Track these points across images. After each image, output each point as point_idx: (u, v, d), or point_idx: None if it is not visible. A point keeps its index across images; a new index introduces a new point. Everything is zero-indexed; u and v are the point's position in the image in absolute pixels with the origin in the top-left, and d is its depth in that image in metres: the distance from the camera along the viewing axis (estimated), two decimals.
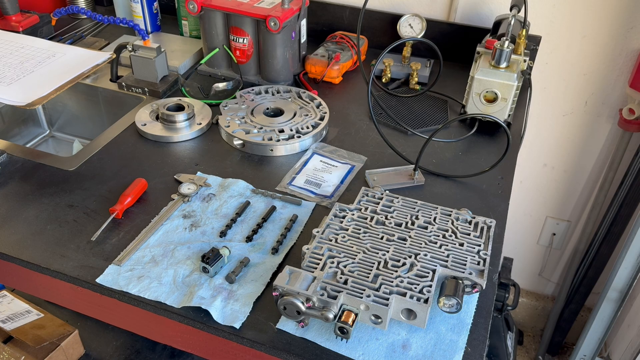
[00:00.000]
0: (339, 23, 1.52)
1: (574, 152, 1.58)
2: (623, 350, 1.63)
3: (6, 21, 1.44)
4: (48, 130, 1.51)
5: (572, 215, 1.72)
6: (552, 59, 1.44)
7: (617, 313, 1.53)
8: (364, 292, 0.72)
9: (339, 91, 1.34)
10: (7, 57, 1.29)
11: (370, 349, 0.74)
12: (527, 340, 2.02)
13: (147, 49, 1.27)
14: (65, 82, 1.19)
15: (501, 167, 1.07)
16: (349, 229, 0.84)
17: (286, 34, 1.27)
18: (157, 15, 1.56)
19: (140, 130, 1.16)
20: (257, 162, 1.09)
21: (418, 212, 0.87)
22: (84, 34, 1.55)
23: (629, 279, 1.46)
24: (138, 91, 1.29)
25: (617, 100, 1.45)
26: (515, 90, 1.12)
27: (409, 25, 1.38)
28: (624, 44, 1.36)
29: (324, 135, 1.17)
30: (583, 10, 1.34)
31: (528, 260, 1.88)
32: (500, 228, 0.94)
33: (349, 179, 1.05)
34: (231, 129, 1.13)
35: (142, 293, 0.81)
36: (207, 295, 0.80)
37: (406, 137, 1.18)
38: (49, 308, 1.46)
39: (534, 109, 1.53)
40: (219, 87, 1.29)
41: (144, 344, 1.50)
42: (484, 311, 0.80)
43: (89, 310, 0.92)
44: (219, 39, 1.33)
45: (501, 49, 1.10)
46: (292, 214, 0.96)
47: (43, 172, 1.05)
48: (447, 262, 0.78)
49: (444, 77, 1.36)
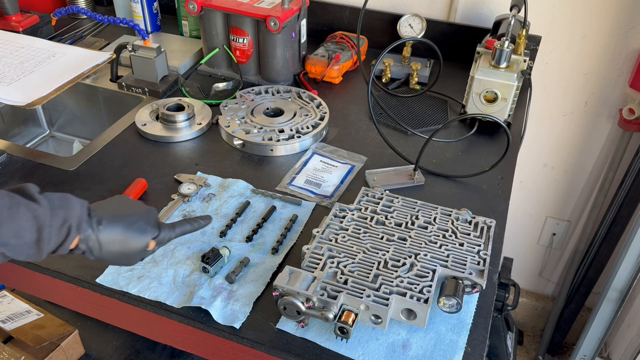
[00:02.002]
0: (339, 23, 1.52)
1: (574, 152, 1.58)
2: (623, 350, 1.63)
3: (6, 21, 1.44)
4: (48, 130, 1.51)
5: (572, 215, 1.72)
6: (552, 59, 1.44)
7: (617, 313, 1.53)
8: (364, 292, 0.72)
9: (339, 91, 1.34)
10: (7, 57, 1.29)
11: (370, 349, 0.74)
12: (527, 340, 2.02)
13: (147, 49, 1.27)
14: (65, 82, 1.19)
15: (501, 167, 1.07)
16: (349, 229, 0.84)
17: (286, 34, 1.27)
18: (157, 15, 1.56)
19: (140, 130, 1.16)
20: (257, 162, 1.09)
21: (418, 212, 0.87)
22: (84, 34, 1.54)
23: (629, 279, 1.46)
24: (138, 91, 1.29)
25: (617, 100, 1.45)
26: (515, 90, 1.12)
27: (409, 25, 1.38)
28: (624, 44, 1.36)
29: (324, 135, 1.17)
30: (583, 10, 1.34)
31: (528, 260, 1.88)
32: (500, 228, 0.94)
33: (349, 179, 1.05)
34: (231, 129, 1.13)
35: (142, 293, 0.81)
36: (207, 295, 0.80)
37: (406, 137, 1.18)
38: (49, 308, 1.46)
39: (534, 109, 1.52)
40: (219, 87, 1.29)
41: (144, 344, 1.50)
42: (484, 311, 0.80)
43: (89, 310, 0.92)
44: (219, 39, 1.33)
45: (501, 49, 1.10)
46: (292, 214, 0.96)
47: (43, 172, 1.05)
48: (447, 262, 0.78)
49: (444, 77, 1.36)
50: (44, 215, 0.61)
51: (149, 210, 0.74)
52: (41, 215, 0.60)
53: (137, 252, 0.71)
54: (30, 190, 0.62)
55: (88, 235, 0.65)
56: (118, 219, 0.68)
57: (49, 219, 0.61)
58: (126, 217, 0.69)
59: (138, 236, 0.70)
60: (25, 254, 0.61)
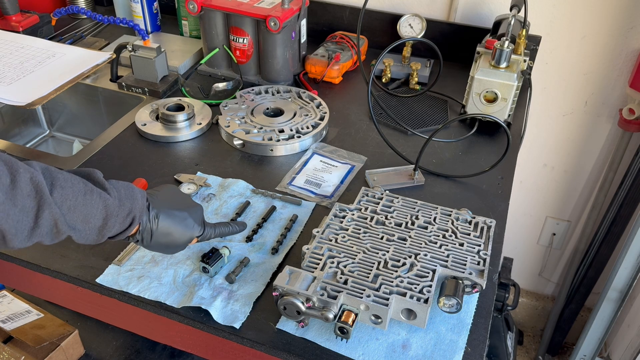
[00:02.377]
0: (338, 23, 1.52)
1: (574, 152, 1.58)
2: (623, 350, 1.63)
3: (6, 21, 1.44)
4: (48, 130, 1.51)
5: (572, 215, 1.72)
6: (552, 59, 1.44)
7: (617, 313, 1.53)
8: (364, 292, 0.72)
9: (339, 91, 1.34)
10: (7, 57, 1.29)
11: (370, 349, 0.74)
12: (527, 340, 2.02)
13: (147, 49, 1.27)
14: (65, 82, 1.19)
15: (501, 167, 1.07)
16: (349, 229, 0.84)
17: (286, 34, 1.27)
18: (157, 15, 1.56)
19: (140, 130, 1.16)
20: (257, 162, 1.09)
21: (418, 212, 0.87)
22: (84, 34, 1.54)
23: (629, 279, 1.46)
24: (138, 91, 1.29)
25: (617, 100, 1.45)
26: (515, 90, 1.12)
27: (409, 25, 1.38)
28: (624, 44, 1.36)
29: (324, 135, 1.17)
30: (583, 10, 1.34)
31: (528, 260, 1.88)
32: (500, 228, 0.94)
33: (349, 179, 1.05)
34: (231, 129, 1.13)
35: (142, 293, 0.81)
36: (207, 295, 0.80)
37: (406, 137, 1.18)
38: (49, 308, 1.46)
39: (534, 109, 1.52)
40: (219, 87, 1.29)
41: (144, 344, 1.50)
42: (484, 311, 0.80)
43: (89, 310, 0.92)
44: (219, 39, 1.33)
45: (501, 49, 1.10)
46: (292, 214, 0.96)
47: None
48: (447, 262, 0.78)
49: (444, 77, 1.36)
50: (113, 206, 0.64)
51: (197, 207, 0.78)
52: (111, 206, 0.64)
53: (181, 246, 0.76)
54: (100, 178, 0.65)
55: (145, 226, 0.70)
56: (172, 214, 0.73)
57: (117, 209, 0.65)
58: (179, 212, 0.74)
59: (187, 232, 0.75)
60: (88, 239, 0.64)
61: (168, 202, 0.74)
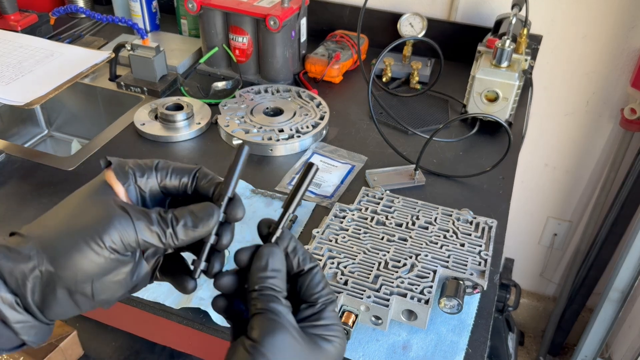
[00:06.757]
0: (339, 22, 1.51)
1: (576, 152, 1.58)
2: (624, 351, 1.63)
3: (5, 20, 1.44)
4: (46, 130, 1.50)
5: (573, 215, 1.72)
6: (553, 58, 1.43)
7: (618, 314, 1.53)
8: (365, 292, 0.72)
9: (339, 91, 1.34)
10: (6, 56, 1.28)
11: (371, 350, 0.74)
12: (528, 341, 2.01)
13: (146, 48, 1.26)
14: (63, 82, 1.19)
15: (502, 167, 1.07)
16: (349, 229, 0.83)
17: (286, 33, 1.26)
18: (156, 14, 1.55)
19: (139, 130, 1.15)
20: (256, 162, 1.09)
21: (419, 212, 0.86)
22: (83, 33, 1.54)
23: (631, 279, 1.45)
24: (137, 90, 1.29)
25: (619, 100, 1.45)
26: (516, 90, 1.12)
27: (409, 24, 1.38)
28: (626, 44, 1.36)
29: (324, 135, 1.17)
30: (584, 9, 1.34)
31: (529, 260, 1.88)
32: (502, 228, 0.93)
33: (349, 179, 1.05)
34: (230, 129, 1.12)
35: (141, 294, 0.80)
36: (206, 296, 0.80)
37: (407, 137, 1.17)
38: None
39: (535, 108, 1.52)
40: (218, 87, 1.28)
41: (143, 345, 1.49)
42: (485, 312, 0.80)
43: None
44: (218, 38, 1.32)
45: (502, 48, 1.10)
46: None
47: (42, 172, 1.04)
48: (448, 263, 0.77)
49: (445, 77, 1.36)
50: None
51: (120, 218, 0.44)
52: None
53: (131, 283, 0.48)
54: None
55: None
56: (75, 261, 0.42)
57: None
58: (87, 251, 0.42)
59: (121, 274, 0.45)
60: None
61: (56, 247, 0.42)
